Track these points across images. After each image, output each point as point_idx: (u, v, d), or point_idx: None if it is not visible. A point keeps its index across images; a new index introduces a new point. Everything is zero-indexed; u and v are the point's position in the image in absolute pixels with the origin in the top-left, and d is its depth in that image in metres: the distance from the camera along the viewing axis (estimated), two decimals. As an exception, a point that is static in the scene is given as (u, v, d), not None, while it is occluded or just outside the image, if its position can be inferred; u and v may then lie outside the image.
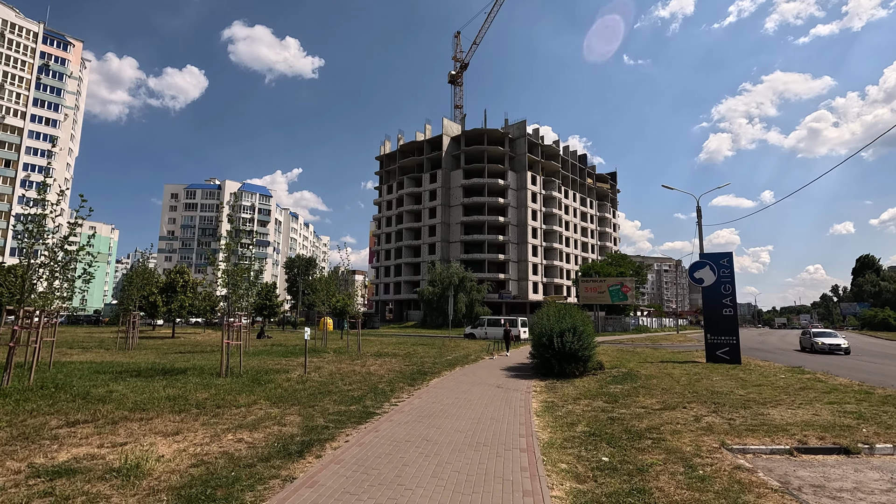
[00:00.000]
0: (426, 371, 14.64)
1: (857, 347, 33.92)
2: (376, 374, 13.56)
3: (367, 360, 17.57)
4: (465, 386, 12.24)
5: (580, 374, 14.09)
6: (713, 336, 18.73)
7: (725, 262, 18.93)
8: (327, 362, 16.38)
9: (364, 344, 26.84)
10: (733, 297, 18.65)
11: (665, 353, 23.74)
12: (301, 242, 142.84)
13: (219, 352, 19.94)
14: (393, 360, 17.92)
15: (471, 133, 76.72)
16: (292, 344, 26.22)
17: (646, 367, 16.95)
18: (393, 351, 22.25)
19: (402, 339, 34.89)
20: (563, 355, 13.89)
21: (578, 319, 14.72)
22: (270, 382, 11.14)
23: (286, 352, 20.16)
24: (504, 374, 14.83)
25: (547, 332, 14.28)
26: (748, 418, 8.47)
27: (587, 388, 12.02)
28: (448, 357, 19.86)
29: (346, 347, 22.22)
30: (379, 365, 16.00)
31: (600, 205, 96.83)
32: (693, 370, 16.02)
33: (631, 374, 14.65)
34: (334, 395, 10.04)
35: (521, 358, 20.78)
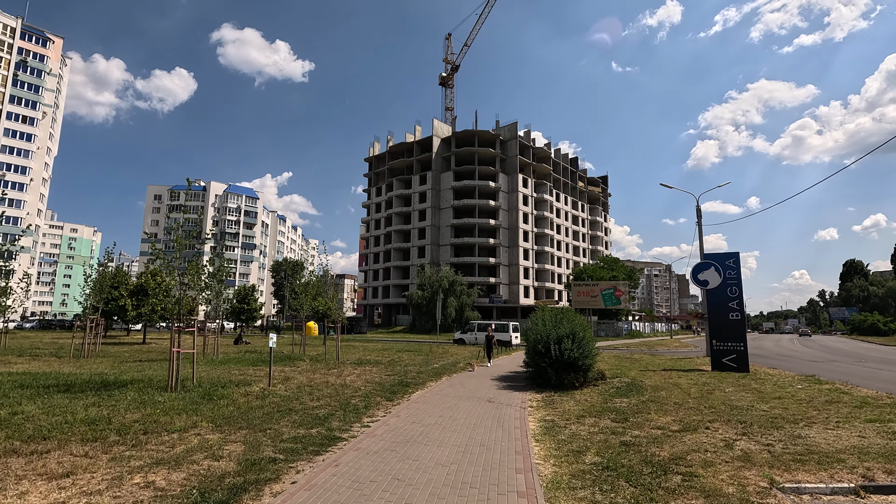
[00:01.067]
0: (409, 382, 13.13)
1: (858, 353, 33.01)
2: (352, 386, 12.02)
3: (346, 368, 16.00)
4: (452, 400, 10.75)
5: (580, 385, 12.68)
6: (719, 342, 17.46)
7: (731, 262, 17.70)
8: (300, 372, 14.79)
9: (347, 350, 25.24)
10: (740, 301, 17.42)
11: (665, 361, 22.46)
12: (289, 246, 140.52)
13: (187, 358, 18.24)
14: (374, 368, 16.37)
15: (461, 134, 75.53)
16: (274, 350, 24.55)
17: (649, 376, 15.61)
18: (376, 358, 20.69)
19: (388, 344, 33.29)
20: (562, 364, 12.47)
21: (577, 324, 13.33)
22: (224, 398, 9.56)
23: (259, 359, 18.50)
24: (495, 386, 13.37)
25: (543, 339, 12.86)
26: (787, 443, 7.09)
27: (590, 402, 10.60)
28: (435, 365, 18.35)
29: (325, 354, 20.60)
30: (357, 374, 14.45)
31: (591, 208, 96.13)
32: (700, 380, 14.71)
33: (635, 384, 13.27)
34: (296, 413, 8.50)
35: (514, 366, 19.34)
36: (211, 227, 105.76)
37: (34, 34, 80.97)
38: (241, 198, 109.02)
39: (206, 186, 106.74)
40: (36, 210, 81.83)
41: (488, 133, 74.74)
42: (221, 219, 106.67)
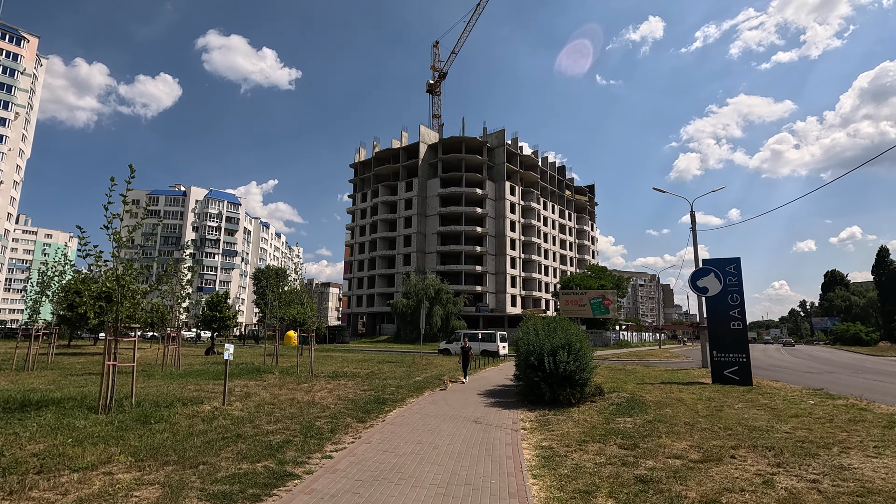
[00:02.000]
0: (386, 398, 11.73)
1: (851, 364, 32.41)
2: (320, 404, 10.58)
3: (318, 382, 14.51)
4: (433, 421, 9.40)
5: (577, 401, 11.41)
6: (720, 353, 16.40)
7: (732, 268, 16.72)
8: (265, 386, 13.28)
9: (324, 362, 23.67)
10: (742, 309, 16.41)
11: (661, 372, 21.37)
12: (272, 253, 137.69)
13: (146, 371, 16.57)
14: (350, 382, 14.91)
15: (448, 141, 74.66)
16: (244, 361, 22.85)
17: (648, 390, 14.44)
18: (353, 370, 19.20)
19: (369, 355, 31.72)
20: (557, 378, 11.20)
21: (573, 334, 12.10)
22: (163, 421, 8.08)
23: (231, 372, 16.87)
24: (483, 402, 12.03)
25: (536, 351, 11.60)
26: (833, 477, 5.90)
27: (590, 422, 9.34)
28: (417, 378, 16.95)
29: (298, 366, 19.04)
30: (329, 390, 12.99)
31: (578, 217, 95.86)
32: (704, 394, 13.58)
33: (636, 400, 12.07)
34: (245, 441, 7.07)
35: (502, 379, 18.04)
36: (191, 233, 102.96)
37: (7, 32, 78.28)
38: (222, 203, 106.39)
39: (187, 191, 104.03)
40: (6, 214, 78.57)
41: (476, 140, 73.99)
42: (202, 225, 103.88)
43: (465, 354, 17.15)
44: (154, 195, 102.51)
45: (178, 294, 20.30)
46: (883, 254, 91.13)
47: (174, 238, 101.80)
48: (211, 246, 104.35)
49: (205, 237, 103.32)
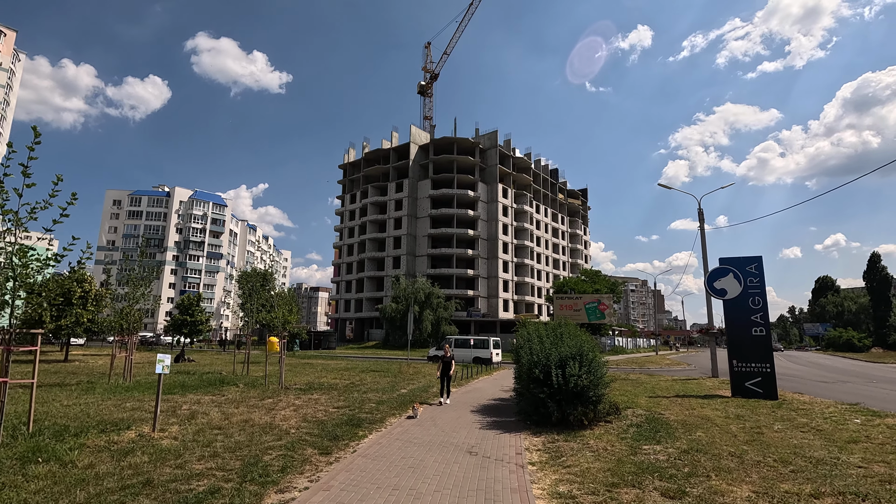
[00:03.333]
0: (361, 419, 9.79)
1: (855, 371, 30.98)
2: (279, 428, 8.63)
3: (286, 397, 12.52)
4: (417, 451, 7.49)
5: (590, 421, 9.57)
6: (740, 363, 14.68)
7: (754, 268, 15.05)
8: (220, 404, 11.26)
9: (301, 370, 21.61)
10: (765, 313, 14.73)
11: (669, 383, 19.62)
12: (259, 256, 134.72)
13: (89, 384, 14.48)
14: (323, 396, 12.94)
15: (440, 141, 73.00)
16: (213, 370, 20.80)
17: (664, 405, 12.66)
18: (332, 381, 17.21)
19: (354, 362, 29.66)
20: (566, 395, 9.36)
21: (584, 342, 10.28)
22: (55, 459, 6.09)
23: (185, 384, 14.84)
24: (477, 423, 10.14)
25: (541, 362, 9.75)
26: None
27: (612, 452, 7.49)
28: (402, 391, 15.03)
29: (266, 377, 17.00)
30: (296, 407, 11.02)
31: (571, 221, 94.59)
32: (730, 410, 11.83)
33: (657, 419, 10.27)
34: (153, 491, 5.12)
35: (497, 390, 16.18)
36: (175, 235, 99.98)
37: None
38: (207, 205, 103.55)
39: (170, 192, 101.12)
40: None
41: (468, 141, 72.41)
42: (186, 226, 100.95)
43: (445, 366, 12.70)
44: (136, 196, 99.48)
45: (137, 296, 18.18)
46: (875, 260, 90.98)
47: (157, 240, 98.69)
48: (195, 248, 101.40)
49: (189, 239, 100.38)
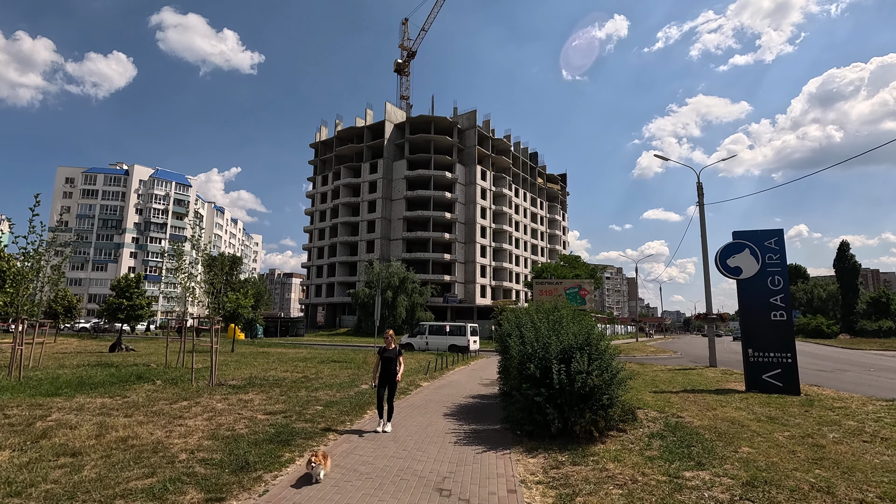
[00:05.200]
0: (295, 432, 7.23)
1: (840, 358, 30.00)
2: (166, 452, 6.01)
3: (209, 398, 9.83)
4: (361, 492, 5.00)
5: (600, 432, 7.25)
6: (756, 352, 12.69)
7: (773, 243, 13.02)
8: (112, 409, 8.51)
9: (252, 361, 18.84)
10: (786, 295, 12.75)
11: (666, 373, 17.68)
12: (228, 240, 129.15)
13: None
14: (259, 396, 10.31)
15: (416, 120, 69.79)
16: (149, 361, 17.86)
17: (676, 403, 10.53)
18: (281, 374, 14.56)
19: (317, 351, 26.97)
20: (572, 398, 7.01)
21: (591, 328, 7.95)
22: None
23: (92, 380, 11.96)
24: (452, 435, 7.72)
25: (537, 354, 7.37)
26: None
27: (647, 486, 5.16)
28: (363, 386, 12.54)
29: (191, 371, 14.22)
30: (214, 414, 8.38)
31: (550, 206, 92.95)
32: (758, 411, 9.77)
33: (679, 426, 8.08)
34: None
35: (476, 385, 13.85)
36: (134, 216, 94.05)
37: None
38: (170, 184, 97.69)
39: (129, 170, 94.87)
40: None
41: (446, 120, 69.38)
42: (146, 207, 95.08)
43: (384, 367, 7.66)
44: (91, 173, 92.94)
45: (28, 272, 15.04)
46: (844, 248, 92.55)
47: (114, 221, 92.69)
48: (157, 230, 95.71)
49: (150, 220, 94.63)
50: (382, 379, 7.64)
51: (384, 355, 7.69)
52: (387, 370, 7.63)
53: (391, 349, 7.75)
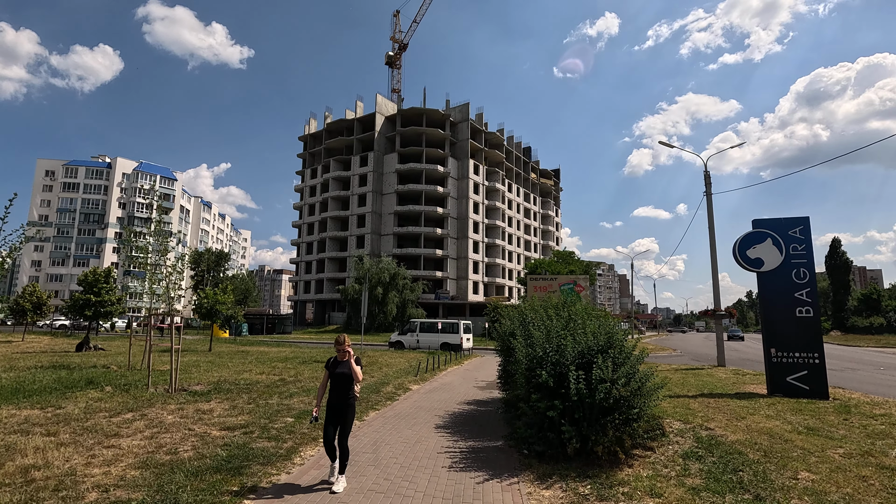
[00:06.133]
0: (252, 456, 5.86)
1: (843, 357, 29.19)
2: (81, 486, 4.64)
3: (160, 408, 8.42)
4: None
5: (626, 453, 5.98)
6: (780, 352, 11.52)
7: (798, 232, 11.84)
8: (35, 425, 7.07)
9: (228, 361, 17.38)
10: (813, 289, 11.58)
11: (679, 375, 16.48)
12: (215, 236, 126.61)
13: None
14: (222, 405, 8.91)
15: (408, 112, 68.23)
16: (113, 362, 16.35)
17: (699, 412, 9.33)
18: (255, 377, 13.14)
19: (301, 349, 25.53)
20: (593, 412, 5.73)
21: (613, 329, 6.67)
22: None
23: (33, 385, 10.48)
24: (446, 455, 6.41)
25: (549, 358, 6.08)
26: None
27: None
28: (344, 391, 11.14)
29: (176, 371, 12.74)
30: (159, 430, 6.98)
31: (543, 202, 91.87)
32: (792, 420, 8.59)
33: (715, 442, 6.84)
34: None
35: (471, 388, 12.55)
36: (117, 210, 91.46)
37: None
38: (154, 178, 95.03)
39: (112, 163, 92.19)
40: None
41: (438, 112, 67.87)
42: (130, 201, 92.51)
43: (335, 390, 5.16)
44: (72, 166, 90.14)
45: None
46: (836, 245, 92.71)
47: (96, 215, 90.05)
48: (141, 225, 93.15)
49: (133, 215, 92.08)
50: (333, 407, 5.05)
51: (335, 371, 5.17)
52: (339, 393, 5.09)
53: (346, 360, 5.19)
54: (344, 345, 5.21)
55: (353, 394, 5.17)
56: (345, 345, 5.21)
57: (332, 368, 5.20)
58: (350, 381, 5.14)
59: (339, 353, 5.24)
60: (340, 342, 5.23)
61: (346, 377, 5.13)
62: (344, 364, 5.19)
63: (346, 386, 5.12)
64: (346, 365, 5.17)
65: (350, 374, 5.13)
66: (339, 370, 5.17)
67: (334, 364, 5.23)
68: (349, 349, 5.22)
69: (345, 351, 5.19)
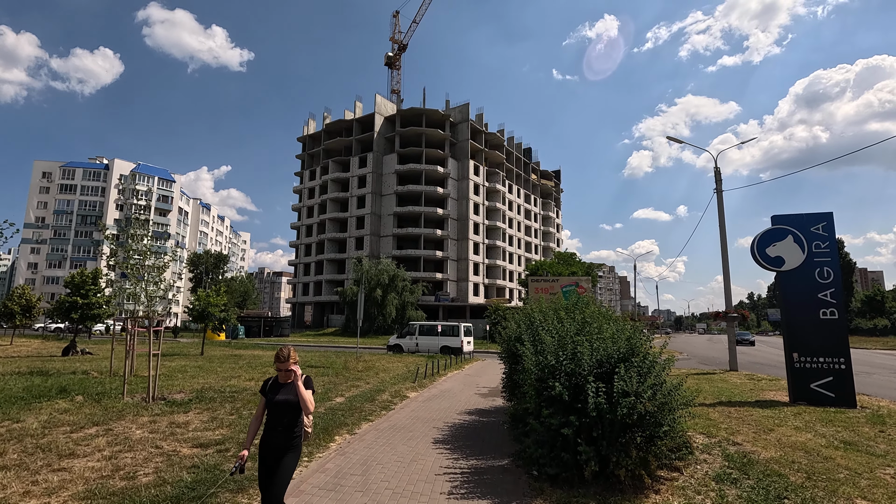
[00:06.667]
0: (224, 481, 5.09)
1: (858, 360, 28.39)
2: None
3: (130, 420, 7.66)
4: None
5: (651, 475, 5.22)
6: (803, 357, 10.76)
7: (821, 228, 11.10)
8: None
9: (217, 366, 16.62)
10: (838, 289, 10.82)
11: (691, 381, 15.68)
12: (214, 238, 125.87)
13: None
14: (199, 417, 8.15)
15: (407, 113, 67.58)
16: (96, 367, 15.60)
17: (720, 422, 8.59)
18: (243, 383, 12.38)
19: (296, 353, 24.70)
20: (614, 429, 4.97)
21: (634, 335, 5.90)
22: None
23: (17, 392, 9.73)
24: (445, 478, 5.64)
25: (563, 367, 5.32)
26: None
27: None
28: (337, 399, 10.42)
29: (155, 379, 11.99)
30: (122, 448, 6.22)
31: (544, 203, 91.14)
32: (824, 432, 7.84)
33: (751, 463, 6.07)
34: None
35: (472, 394, 11.78)
36: (115, 212, 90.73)
37: None
38: (152, 179, 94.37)
39: (109, 164, 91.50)
40: None
41: (437, 113, 67.21)
42: (128, 203, 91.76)
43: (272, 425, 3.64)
44: (69, 168, 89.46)
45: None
46: (839, 246, 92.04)
47: (93, 217, 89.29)
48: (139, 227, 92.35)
49: (130, 217, 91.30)
50: (269, 449, 3.58)
51: (275, 398, 3.64)
52: (278, 430, 3.60)
53: (289, 385, 3.67)
54: (287, 361, 3.66)
55: (301, 430, 3.70)
56: (288, 361, 3.67)
57: (271, 394, 3.66)
58: (296, 412, 3.61)
59: (281, 374, 3.68)
60: (282, 357, 3.67)
61: (291, 407, 3.58)
62: (287, 388, 3.64)
63: (289, 419, 3.58)
64: (291, 389, 3.62)
65: (296, 401, 3.59)
66: (279, 397, 3.61)
67: (274, 387, 3.71)
68: (295, 367, 3.69)
69: (289, 370, 3.65)
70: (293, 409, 3.59)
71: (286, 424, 3.58)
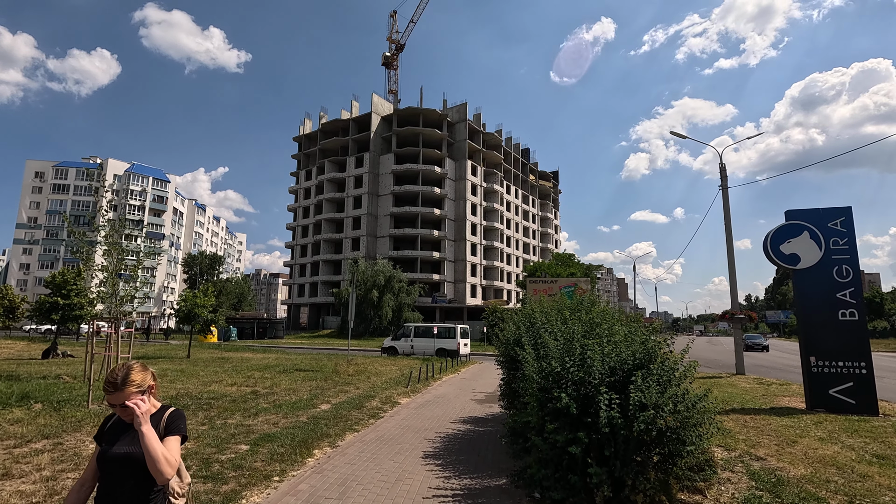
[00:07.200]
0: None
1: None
2: None
3: (91, 431, 6.93)
4: None
5: (672, 500, 4.50)
6: (820, 360, 10.08)
7: (839, 224, 10.43)
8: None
9: (203, 368, 15.86)
10: (858, 289, 10.15)
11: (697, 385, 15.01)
12: (209, 239, 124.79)
13: None
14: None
15: (404, 112, 66.93)
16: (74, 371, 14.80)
17: (740, 434, 7.88)
18: (224, 389, 11.63)
19: (287, 355, 24.02)
20: (628, 447, 4.25)
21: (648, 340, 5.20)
22: None
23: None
24: (435, 500, 4.91)
25: (571, 376, 4.60)
26: None
27: None
28: (321, 406, 9.68)
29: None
30: (66, 468, 5.49)
31: (542, 204, 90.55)
32: (852, 444, 7.19)
33: (781, 483, 5.38)
34: None
35: (469, 400, 11.05)
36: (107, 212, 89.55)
37: None
38: (147, 179, 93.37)
39: (103, 164, 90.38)
40: None
41: (435, 112, 66.56)
42: (121, 203, 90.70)
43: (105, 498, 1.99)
44: (62, 167, 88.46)
45: None
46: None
47: (86, 218, 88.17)
48: (133, 227, 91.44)
49: (125, 217, 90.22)
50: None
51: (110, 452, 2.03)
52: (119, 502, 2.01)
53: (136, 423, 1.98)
54: (124, 389, 2.04)
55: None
56: (126, 389, 2.04)
57: (108, 444, 2.09)
58: (143, 475, 1.98)
59: (117, 410, 2.07)
60: (117, 382, 2.04)
61: (134, 465, 2.00)
62: (129, 437, 2.06)
63: (131, 490, 2.01)
64: (134, 439, 2.02)
65: (140, 457, 1.96)
66: (117, 448, 2.05)
67: (113, 432, 2.13)
68: (140, 400, 2.04)
69: (126, 405, 2.02)
70: (137, 468, 1.98)
71: (128, 498, 2.00)
